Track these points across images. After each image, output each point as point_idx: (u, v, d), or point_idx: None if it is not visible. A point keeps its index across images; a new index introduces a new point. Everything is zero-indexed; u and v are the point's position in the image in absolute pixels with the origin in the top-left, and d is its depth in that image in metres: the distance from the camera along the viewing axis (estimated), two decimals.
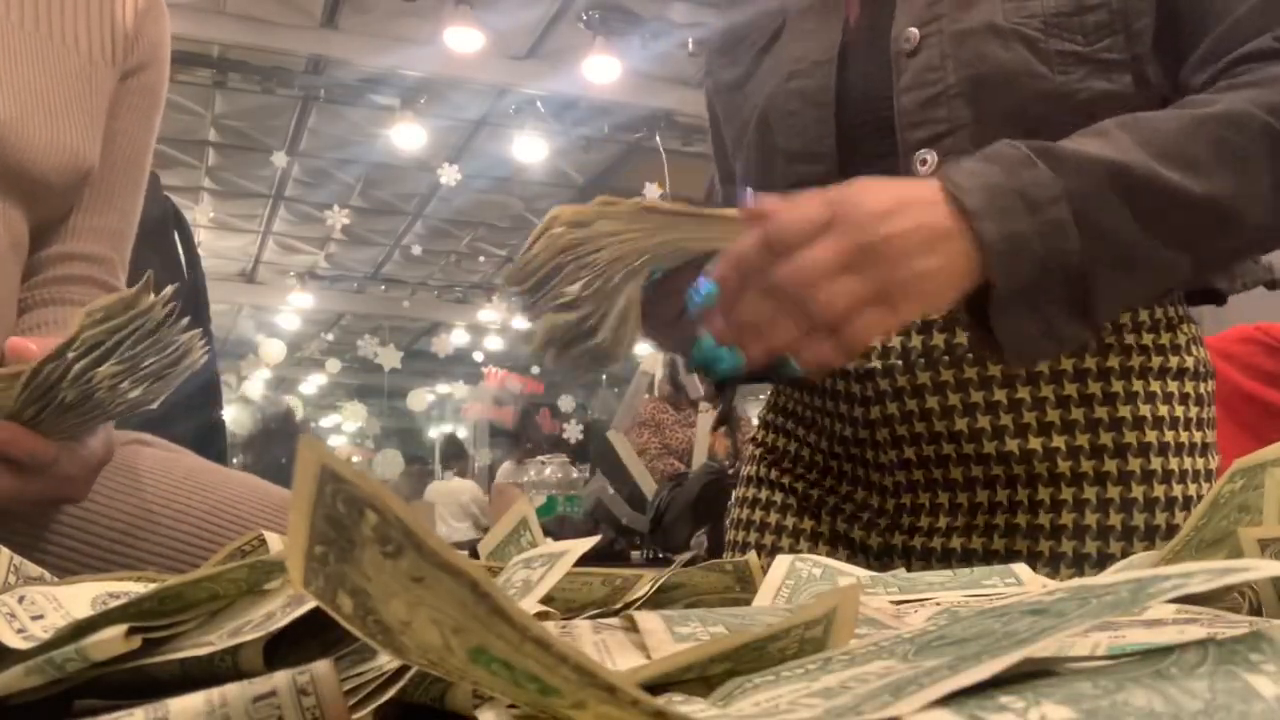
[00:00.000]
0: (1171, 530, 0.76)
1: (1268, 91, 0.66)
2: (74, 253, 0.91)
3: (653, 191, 5.78)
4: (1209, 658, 0.23)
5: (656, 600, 0.46)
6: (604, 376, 10.74)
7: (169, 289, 0.67)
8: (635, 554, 3.02)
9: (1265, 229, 0.67)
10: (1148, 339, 0.78)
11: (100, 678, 0.33)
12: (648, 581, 0.46)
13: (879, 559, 0.81)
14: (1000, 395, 0.77)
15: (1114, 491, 0.75)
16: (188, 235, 1.80)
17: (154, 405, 0.70)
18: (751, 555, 0.52)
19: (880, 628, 0.37)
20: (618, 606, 0.45)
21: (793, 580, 0.49)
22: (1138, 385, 0.77)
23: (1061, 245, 0.61)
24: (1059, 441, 0.76)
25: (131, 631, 0.32)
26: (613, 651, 0.34)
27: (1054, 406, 0.76)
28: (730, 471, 2.82)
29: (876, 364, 0.79)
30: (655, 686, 0.27)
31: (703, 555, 2.67)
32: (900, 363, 0.78)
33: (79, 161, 0.87)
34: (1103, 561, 0.75)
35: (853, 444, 0.82)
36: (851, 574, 0.51)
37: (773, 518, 0.89)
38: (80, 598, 0.40)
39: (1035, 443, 0.76)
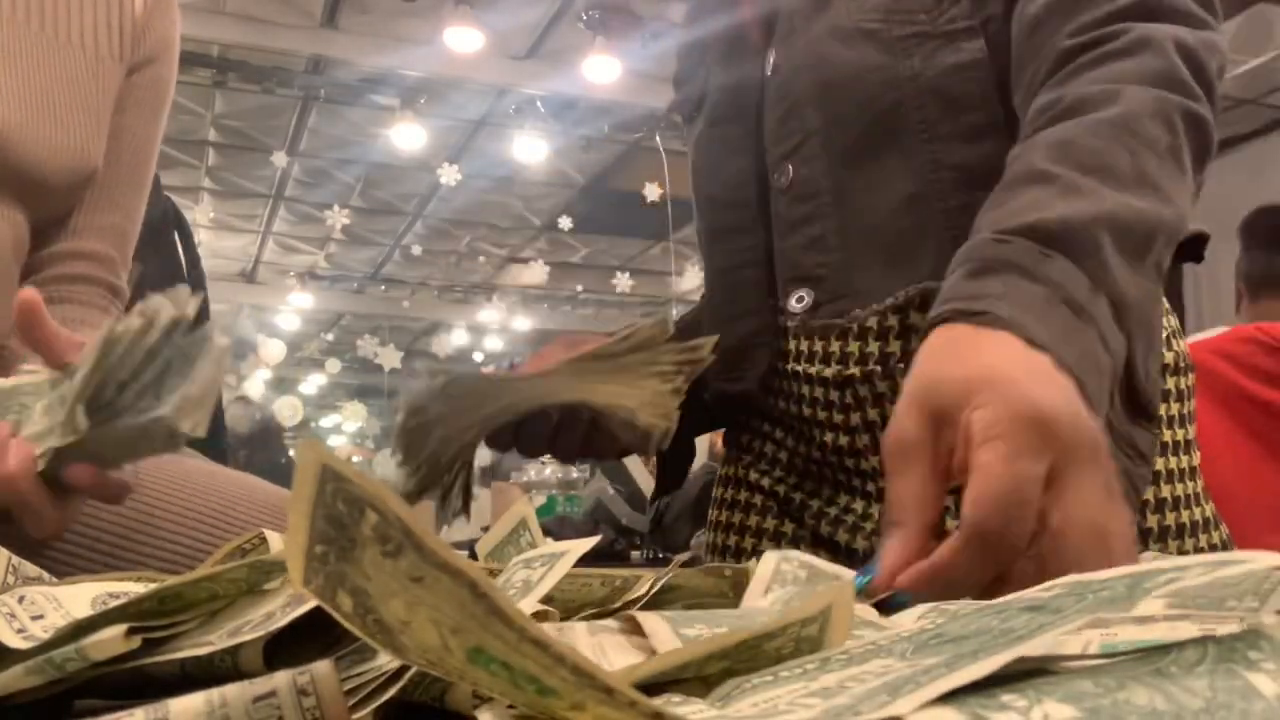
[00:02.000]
0: (1164, 532, 0.75)
1: (1146, 59, 0.60)
2: (76, 251, 0.91)
3: (653, 192, 5.79)
4: (1208, 656, 0.23)
5: (654, 602, 0.46)
6: None
7: (188, 303, 0.64)
8: (635, 554, 3.02)
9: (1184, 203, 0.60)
10: None
11: (100, 678, 0.33)
12: (647, 582, 0.46)
13: (864, 562, 0.80)
14: None
15: None
16: (188, 235, 1.80)
17: (201, 430, 0.66)
18: (752, 562, 0.52)
19: (879, 628, 0.37)
20: (615, 607, 0.45)
21: (777, 582, 0.49)
22: None
23: (1111, 340, 0.52)
24: None
25: (131, 631, 0.32)
26: (609, 652, 0.34)
27: None
28: None
29: (855, 370, 0.78)
30: (653, 687, 0.27)
31: (703, 555, 2.67)
32: (879, 368, 0.77)
33: (84, 163, 0.86)
34: None
35: (831, 450, 0.81)
36: (836, 573, 0.51)
37: (752, 520, 0.88)
38: (80, 598, 0.40)
39: None
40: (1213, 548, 0.78)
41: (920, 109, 0.72)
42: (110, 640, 0.31)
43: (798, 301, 0.76)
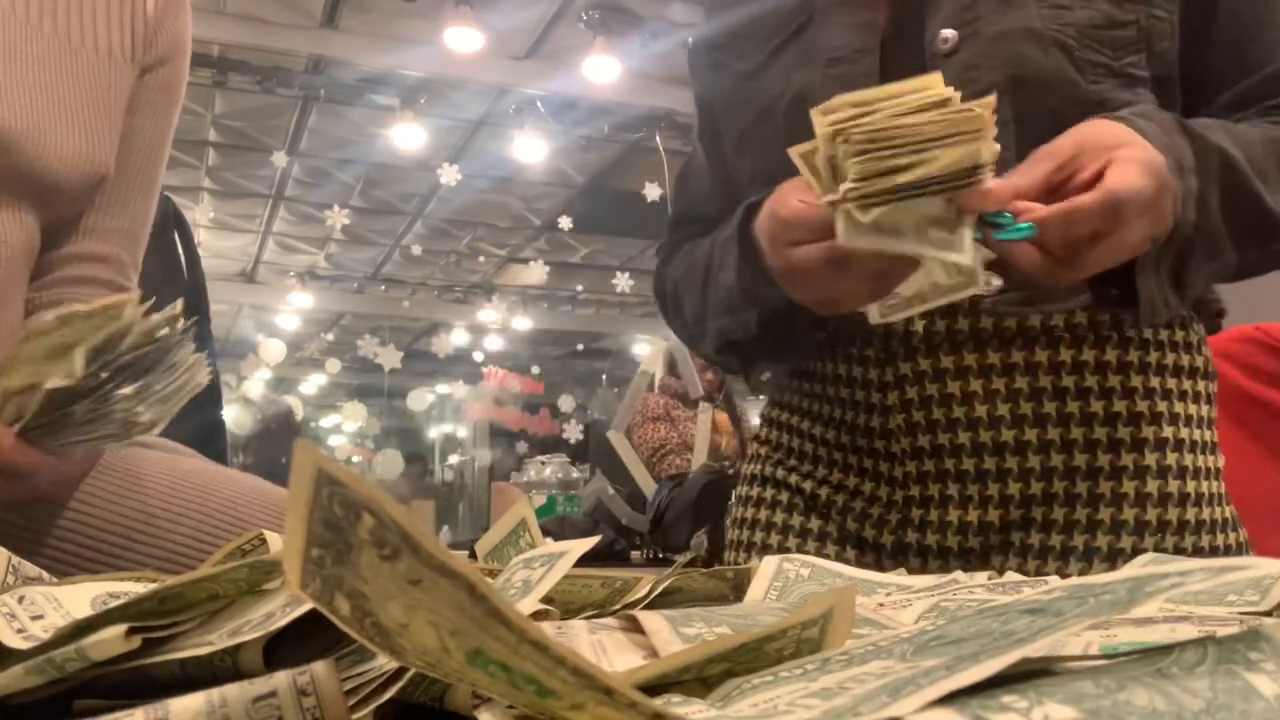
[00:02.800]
0: (1183, 525, 0.77)
1: None
2: (85, 253, 0.90)
3: (653, 192, 5.79)
4: (1209, 657, 0.23)
5: (654, 603, 0.46)
6: (604, 376, 10.75)
7: (178, 305, 0.65)
8: (635, 554, 3.02)
9: None
10: (1164, 334, 0.80)
11: (100, 678, 0.33)
12: (647, 584, 0.46)
13: (893, 557, 0.81)
14: (1022, 383, 0.77)
15: (1129, 486, 0.76)
16: (188, 235, 1.80)
17: (158, 429, 0.68)
18: (754, 562, 0.52)
19: (879, 627, 0.37)
20: (616, 608, 0.45)
21: (780, 581, 0.49)
22: (1154, 381, 0.78)
23: (1186, 214, 0.67)
24: (1077, 433, 0.77)
25: (131, 631, 0.32)
26: (610, 652, 0.34)
27: (1074, 397, 0.77)
28: (731, 471, 2.82)
29: (898, 348, 0.79)
30: (653, 688, 0.27)
31: (703, 556, 2.67)
32: (923, 346, 0.79)
33: (95, 167, 0.86)
34: (1113, 556, 0.76)
35: (862, 433, 0.83)
36: (840, 573, 0.51)
37: (779, 517, 0.89)
38: (80, 598, 0.40)
39: (1054, 433, 0.77)
40: (1236, 547, 0.80)
41: None
42: (110, 640, 0.31)
43: (985, 284, 0.77)
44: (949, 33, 0.79)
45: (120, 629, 0.32)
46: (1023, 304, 0.78)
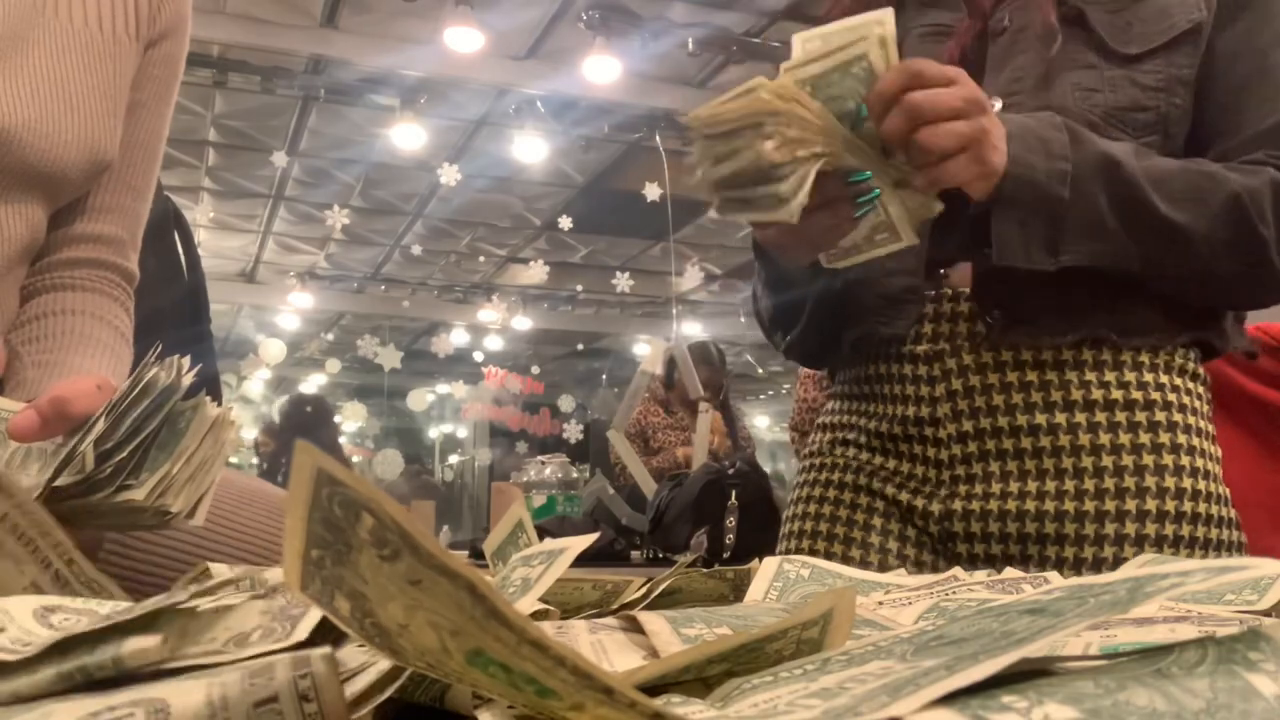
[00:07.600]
0: (1196, 518, 0.87)
1: (1248, 177, 0.85)
2: (85, 234, 0.90)
3: (653, 191, 5.79)
4: (1209, 656, 0.23)
5: (655, 604, 0.46)
6: (604, 376, 10.74)
7: (189, 369, 0.58)
8: (635, 554, 3.02)
9: (1206, 267, 0.85)
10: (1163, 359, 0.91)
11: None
12: (638, 585, 0.46)
13: (940, 523, 0.91)
14: (1052, 376, 0.89)
15: (1151, 481, 0.88)
16: (188, 235, 1.79)
17: (199, 517, 0.60)
18: (754, 563, 0.52)
19: (879, 628, 0.37)
20: (614, 608, 0.45)
21: (780, 582, 0.49)
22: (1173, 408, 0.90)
23: (1056, 190, 0.81)
24: (1104, 438, 0.87)
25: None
26: (610, 652, 0.34)
27: (1116, 386, 0.88)
28: (730, 470, 2.82)
29: (944, 346, 0.91)
30: (653, 688, 0.27)
31: (703, 556, 2.67)
32: (966, 344, 0.91)
33: (101, 154, 0.86)
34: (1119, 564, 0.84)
35: (912, 422, 0.93)
36: (840, 573, 0.51)
37: (859, 517, 0.97)
38: (22, 608, 0.39)
39: (1080, 417, 0.88)
40: (1238, 545, 0.90)
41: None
42: (149, 649, 0.31)
43: (912, 239, 0.87)
44: (995, 102, 0.88)
45: (156, 638, 0.32)
46: (1024, 335, 0.89)
